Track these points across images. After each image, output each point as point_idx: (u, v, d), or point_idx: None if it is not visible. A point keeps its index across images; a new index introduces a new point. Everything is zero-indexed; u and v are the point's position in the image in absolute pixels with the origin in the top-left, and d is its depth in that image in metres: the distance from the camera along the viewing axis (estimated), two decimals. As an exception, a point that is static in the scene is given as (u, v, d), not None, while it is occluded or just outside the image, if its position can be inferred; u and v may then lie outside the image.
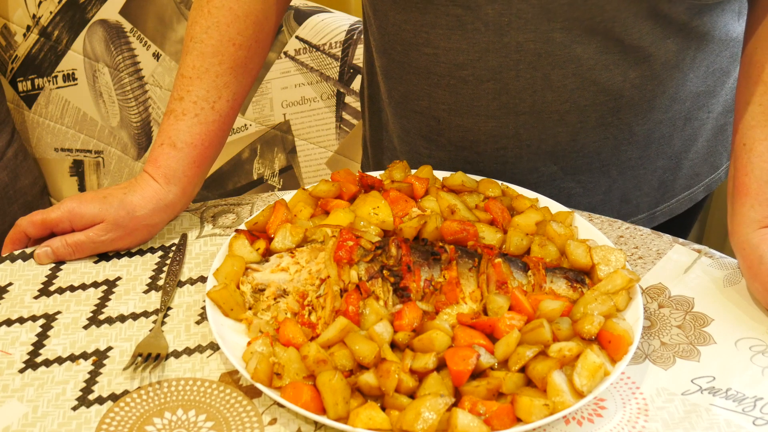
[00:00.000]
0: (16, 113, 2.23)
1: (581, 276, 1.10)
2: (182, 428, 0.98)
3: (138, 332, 1.09)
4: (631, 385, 1.03)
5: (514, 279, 1.08)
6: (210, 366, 1.05)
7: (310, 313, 1.05)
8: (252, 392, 1.02)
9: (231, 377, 1.03)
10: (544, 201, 1.23)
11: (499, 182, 1.24)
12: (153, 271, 1.17)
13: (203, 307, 1.12)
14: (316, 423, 0.98)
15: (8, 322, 1.10)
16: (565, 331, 1.01)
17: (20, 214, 2.14)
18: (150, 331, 1.09)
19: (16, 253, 1.20)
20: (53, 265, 1.18)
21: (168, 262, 1.18)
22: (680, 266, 1.18)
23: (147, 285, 1.15)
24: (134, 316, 1.11)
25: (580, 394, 0.96)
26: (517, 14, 1.18)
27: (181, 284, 1.15)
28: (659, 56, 1.24)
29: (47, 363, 1.05)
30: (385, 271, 1.06)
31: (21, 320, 1.10)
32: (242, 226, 1.17)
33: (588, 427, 0.98)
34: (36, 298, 1.14)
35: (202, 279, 1.16)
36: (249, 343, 1.02)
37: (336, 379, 0.96)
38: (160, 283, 1.15)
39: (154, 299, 1.13)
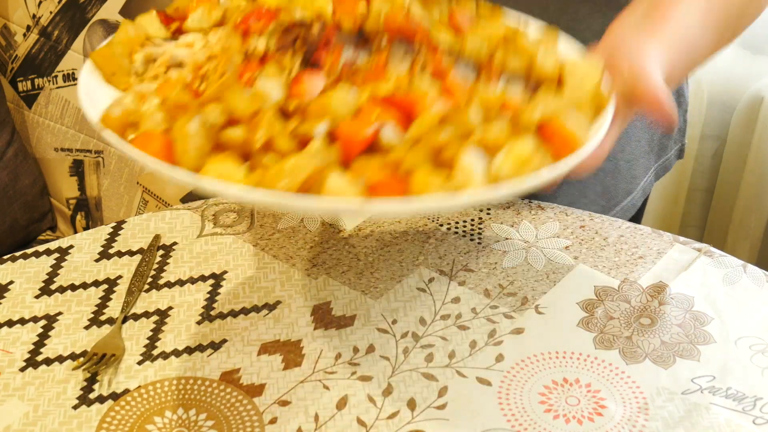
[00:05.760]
0: (16, 113, 2.23)
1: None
2: (183, 427, 0.98)
3: (139, 332, 1.09)
4: (631, 384, 1.03)
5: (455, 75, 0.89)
6: (210, 365, 1.05)
7: (201, 83, 0.88)
8: (253, 391, 1.02)
9: (231, 376, 1.03)
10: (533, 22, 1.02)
11: None
12: (155, 270, 1.18)
13: (204, 306, 1.12)
14: (316, 422, 0.98)
15: (9, 323, 1.10)
16: (501, 129, 0.81)
17: (20, 214, 2.14)
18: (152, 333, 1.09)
19: (17, 254, 1.20)
20: (54, 262, 1.18)
21: (169, 262, 1.19)
22: (681, 265, 1.18)
23: (149, 284, 1.15)
24: (135, 317, 1.11)
25: (495, 179, 0.78)
26: None
27: (182, 283, 1.16)
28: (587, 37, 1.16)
29: (48, 362, 1.05)
30: (297, 42, 0.88)
31: (22, 321, 1.10)
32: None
33: (588, 426, 0.99)
34: (37, 297, 1.14)
35: (203, 278, 1.16)
36: None
37: (191, 124, 0.79)
38: (162, 282, 1.16)
39: (155, 298, 1.13)
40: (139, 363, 1.05)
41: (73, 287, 1.15)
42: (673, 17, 1.06)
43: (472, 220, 1.24)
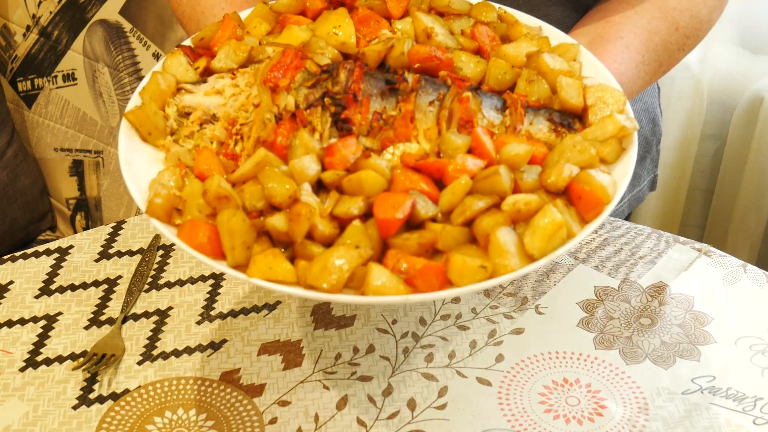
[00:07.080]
0: (16, 113, 2.23)
1: (569, 119, 0.92)
2: (183, 427, 0.98)
3: (139, 332, 1.09)
4: (632, 384, 1.03)
5: (483, 117, 0.90)
6: (210, 365, 1.05)
7: (236, 143, 0.91)
8: (252, 391, 1.02)
9: (231, 376, 1.03)
10: (549, 31, 1.04)
11: (497, 6, 1.04)
12: (155, 270, 1.18)
13: (204, 306, 1.12)
14: (316, 422, 0.98)
15: (9, 323, 1.10)
16: (530, 183, 0.84)
17: (20, 214, 2.14)
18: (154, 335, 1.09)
19: (17, 254, 1.20)
20: (54, 262, 1.18)
21: (169, 261, 1.19)
22: (681, 265, 1.18)
23: (149, 284, 1.15)
24: (135, 317, 1.11)
25: (530, 258, 0.79)
26: None
27: (182, 283, 1.16)
28: None
29: (48, 362, 1.05)
30: (326, 99, 0.89)
31: (22, 321, 1.10)
32: (187, 42, 1.01)
33: (588, 426, 0.99)
34: (37, 297, 1.14)
35: (203, 278, 1.16)
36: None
37: (235, 219, 0.81)
38: (162, 282, 1.16)
39: (155, 298, 1.13)
40: (139, 363, 1.05)
41: (73, 287, 1.15)
42: (610, 54, 1.09)
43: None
